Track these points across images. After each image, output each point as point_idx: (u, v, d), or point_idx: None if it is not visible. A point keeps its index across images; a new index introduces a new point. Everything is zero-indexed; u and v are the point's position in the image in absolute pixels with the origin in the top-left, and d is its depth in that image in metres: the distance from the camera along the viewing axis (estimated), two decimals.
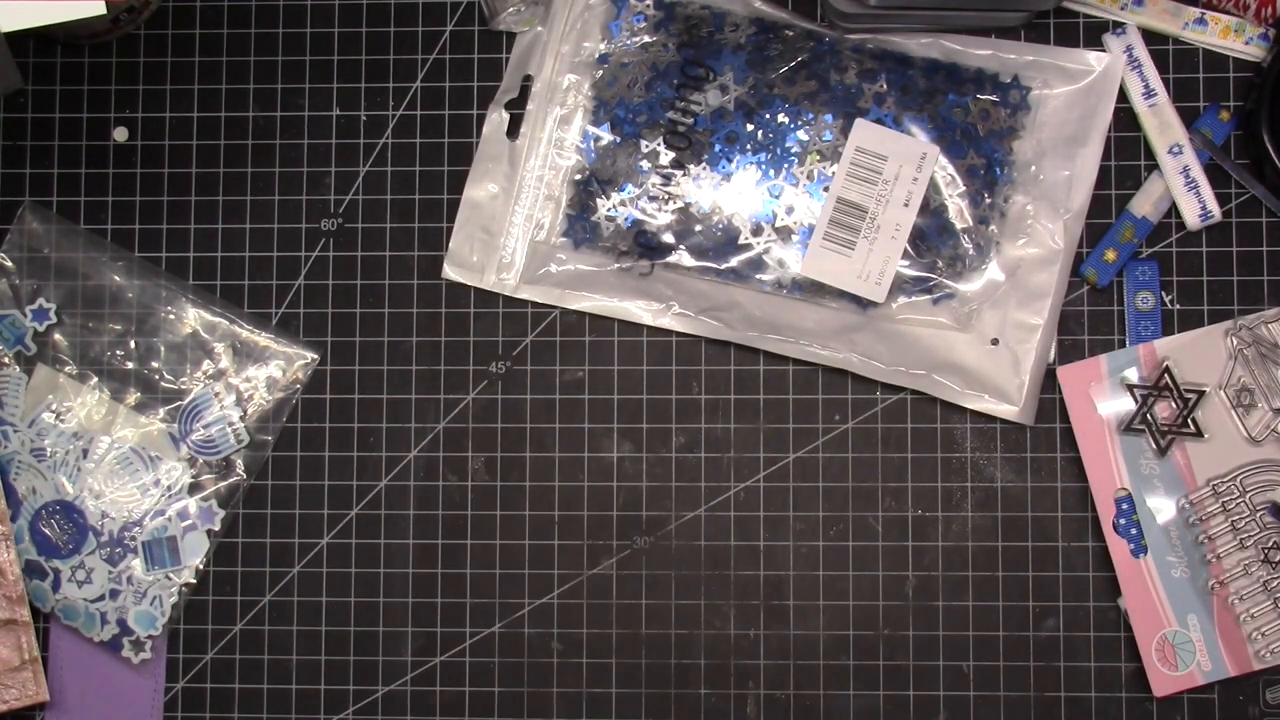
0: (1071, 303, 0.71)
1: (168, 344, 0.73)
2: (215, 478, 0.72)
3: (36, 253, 0.73)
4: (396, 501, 0.72)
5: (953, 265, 0.70)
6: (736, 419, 0.71)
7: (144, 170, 0.73)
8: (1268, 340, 0.70)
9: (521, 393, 0.72)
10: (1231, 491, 0.69)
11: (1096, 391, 0.70)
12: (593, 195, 0.72)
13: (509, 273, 0.72)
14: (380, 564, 0.72)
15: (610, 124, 0.72)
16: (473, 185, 0.73)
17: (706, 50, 0.71)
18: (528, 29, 0.73)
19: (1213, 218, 0.71)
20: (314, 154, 0.73)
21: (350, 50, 0.73)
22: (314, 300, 0.73)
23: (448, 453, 0.72)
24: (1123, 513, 0.70)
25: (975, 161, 0.70)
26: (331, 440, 0.72)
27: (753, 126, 0.71)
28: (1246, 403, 0.69)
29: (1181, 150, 0.71)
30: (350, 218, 0.73)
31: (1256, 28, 0.71)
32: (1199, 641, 0.69)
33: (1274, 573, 0.69)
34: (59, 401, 0.72)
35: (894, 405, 0.71)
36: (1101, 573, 0.70)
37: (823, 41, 0.71)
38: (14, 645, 0.69)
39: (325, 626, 0.72)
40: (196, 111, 0.74)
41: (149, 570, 0.72)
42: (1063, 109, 0.71)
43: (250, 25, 0.74)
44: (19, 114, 0.74)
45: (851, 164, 0.70)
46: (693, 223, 0.71)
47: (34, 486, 0.72)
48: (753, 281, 0.71)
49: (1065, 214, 0.70)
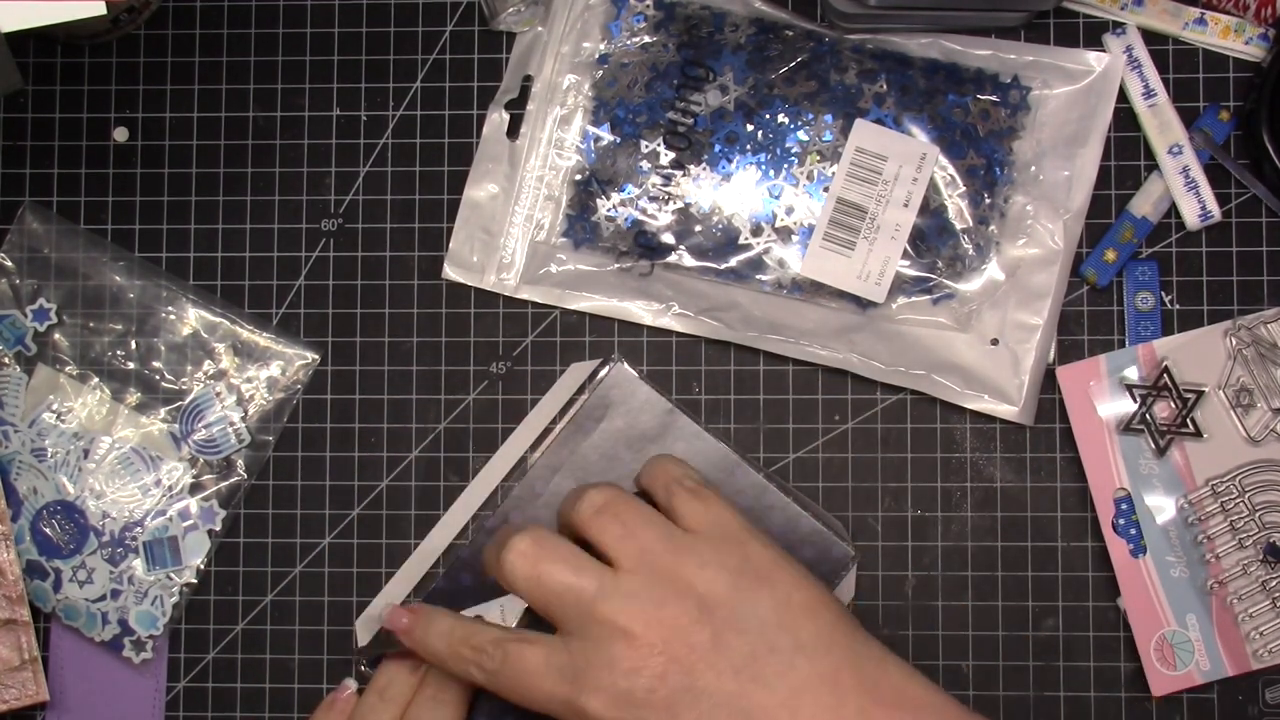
0: (1071, 303, 0.71)
1: (168, 344, 0.73)
2: (216, 478, 0.72)
3: (36, 253, 0.73)
4: (398, 502, 0.72)
5: (953, 265, 0.70)
6: (736, 419, 0.72)
7: (144, 170, 0.73)
8: (1267, 340, 0.70)
9: (522, 393, 0.72)
10: (1230, 491, 0.69)
11: (1096, 391, 0.70)
12: (593, 195, 0.72)
13: (509, 273, 0.72)
14: (382, 564, 0.72)
15: (610, 124, 0.72)
16: (473, 185, 0.73)
17: (706, 50, 0.71)
18: (528, 29, 0.73)
19: (1212, 218, 0.71)
20: (314, 154, 0.73)
21: (350, 50, 0.73)
22: (314, 300, 0.73)
23: (449, 453, 0.72)
24: (1122, 513, 0.70)
25: (975, 162, 0.70)
26: (332, 440, 0.72)
27: (753, 127, 0.71)
28: (1246, 403, 0.70)
29: (1181, 150, 0.71)
30: (350, 218, 0.73)
31: (1256, 28, 0.71)
32: (1198, 641, 0.69)
33: (1272, 573, 0.69)
34: (60, 402, 0.72)
35: (894, 405, 0.71)
36: (1100, 573, 0.70)
37: (823, 42, 0.71)
38: (14, 645, 0.69)
39: (327, 626, 0.72)
40: (196, 111, 0.74)
41: (150, 570, 0.72)
42: (1063, 109, 0.71)
43: (250, 25, 0.74)
44: (19, 114, 0.74)
45: (851, 164, 0.70)
46: (693, 223, 0.71)
47: (35, 487, 0.72)
48: (753, 282, 0.71)
49: (1065, 214, 0.70)
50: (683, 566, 0.60)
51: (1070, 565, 0.71)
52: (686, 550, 0.60)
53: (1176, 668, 0.69)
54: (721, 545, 0.61)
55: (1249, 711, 0.70)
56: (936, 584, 0.71)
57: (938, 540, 0.71)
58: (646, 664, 0.58)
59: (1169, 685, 0.69)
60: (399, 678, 0.67)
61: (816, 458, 0.71)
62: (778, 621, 0.59)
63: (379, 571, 0.72)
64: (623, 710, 0.58)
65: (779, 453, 0.71)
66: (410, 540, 0.72)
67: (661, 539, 0.60)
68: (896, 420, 0.71)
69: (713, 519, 0.61)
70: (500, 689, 0.61)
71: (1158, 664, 0.69)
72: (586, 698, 0.58)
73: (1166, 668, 0.69)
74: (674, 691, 0.58)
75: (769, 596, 0.60)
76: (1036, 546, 0.71)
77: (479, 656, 0.61)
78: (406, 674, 0.67)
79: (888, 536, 0.71)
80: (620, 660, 0.58)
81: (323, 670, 0.72)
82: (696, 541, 0.61)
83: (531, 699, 0.60)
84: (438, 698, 0.65)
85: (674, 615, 0.59)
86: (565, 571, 0.60)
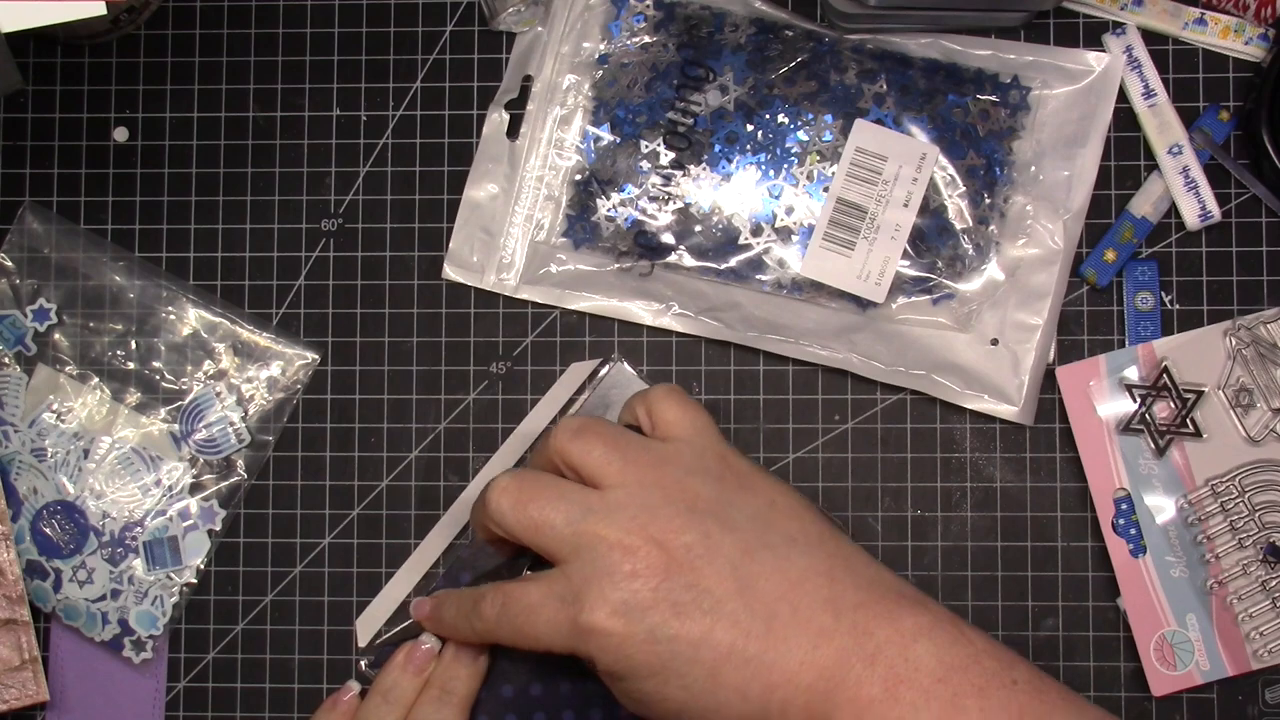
0: (1071, 303, 0.71)
1: (168, 344, 0.73)
2: (216, 478, 0.72)
3: (36, 253, 0.73)
4: (398, 502, 0.72)
5: (952, 265, 0.70)
6: (736, 419, 0.72)
7: (144, 170, 0.73)
8: (1266, 340, 0.70)
9: (522, 393, 0.72)
10: (1230, 491, 0.69)
11: (1096, 392, 0.70)
12: (593, 195, 0.72)
13: (509, 273, 0.72)
14: (382, 564, 0.72)
15: (610, 124, 0.72)
16: (473, 185, 0.73)
17: (706, 50, 0.71)
18: (528, 29, 0.73)
19: (1212, 218, 0.71)
20: (314, 154, 0.73)
21: (350, 50, 0.73)
22: (314, 300, 0.73)
23: (449, 453, 0.72)
24: (1121, 513, 0.70)
25: (975, 162, 0.70)
26: (332, 440, 0.72)
27: (753, 127, 0.71)
28: (1245, 403, 0.70)
29: (1181, 150, 0.71)
30: (350, 218, 0.73)
31: (1256, 28, 0.71)
32: (1197, 641, 0.69)
33: (1272, 573, 0.69)
34: (60, 402, 0.72)
35: (894, 405, 0.71)
36: (1100, 573, 0.71)
37: (823, 42, 0.71)
38: (14, 645, 0.69)
39: (328, 626, 0.72)
40: (196, 111, 0.74)
41: (150, 570, 0.72)
42: (1062, 109, 0.71)
43: (250, 25, 0.74)
44: (19, 114, 0.74)
45: (851, 164, 0.70)
46: (693, 223, 0.71)
47: (35, 487, 0.72)
48: (753, 282, 0.71)
49: (1065, 214, 0.70)
50: (667, 475, 0.60)
51: (1070, 565, 0.71)
52: (669, 459, 0.61)
53: (1176, 668, 0.69)
54: (704, 452, 0.61)
55: (1249, 711, 0.70)
56: (936, 584, 0.71)
57: (938, 540, 0.71)
58: (645, 568, 0.58)
59: (1169, 685, 0.69)
60: (403, 680, 0.67)
61: (816, 458, 0.71)
62: (766, 520, 0.60)
63: (379, 571, 0.72)
64: (628, 617, 0.58)
65: (779, 453, 0.71)
66: (410, 540, 0.72)
67: (643, 450, 0.61)
68: (896, 420, 0.71)
69: (691, 423, 0.62)
70: (506, 635, 0.61)
71: (1157, 664, 0.69)
72: (589, 614, 0.58)
73: (1166, 668, 0.69)
74: (675, 591, 0.58)
75: (754, 498, 0.61)
76: (1036, 546, 0.71)
77: (480, 605, 0.62)
78: (410, 676, 0.67)
79: (888, 536, 0.71)
80: (618, 570, 0.58)
81: (323, 670, 0.72)
82: (678, 450, 0.61)
83: (536, 635, 0.60)
84: (441, 699, 0.66)
85: (665, 519, 0.59)
86: (552, 497, 0.60)
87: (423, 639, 0.67)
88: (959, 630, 0.58)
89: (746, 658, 0.57)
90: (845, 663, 0.57)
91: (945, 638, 0.58)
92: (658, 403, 0.63)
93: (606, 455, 0.61)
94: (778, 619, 0.58)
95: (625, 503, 0.59)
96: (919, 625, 0.58)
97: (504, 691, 0.67)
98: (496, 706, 0.67)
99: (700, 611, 0.58)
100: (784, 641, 0.58)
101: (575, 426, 0.62)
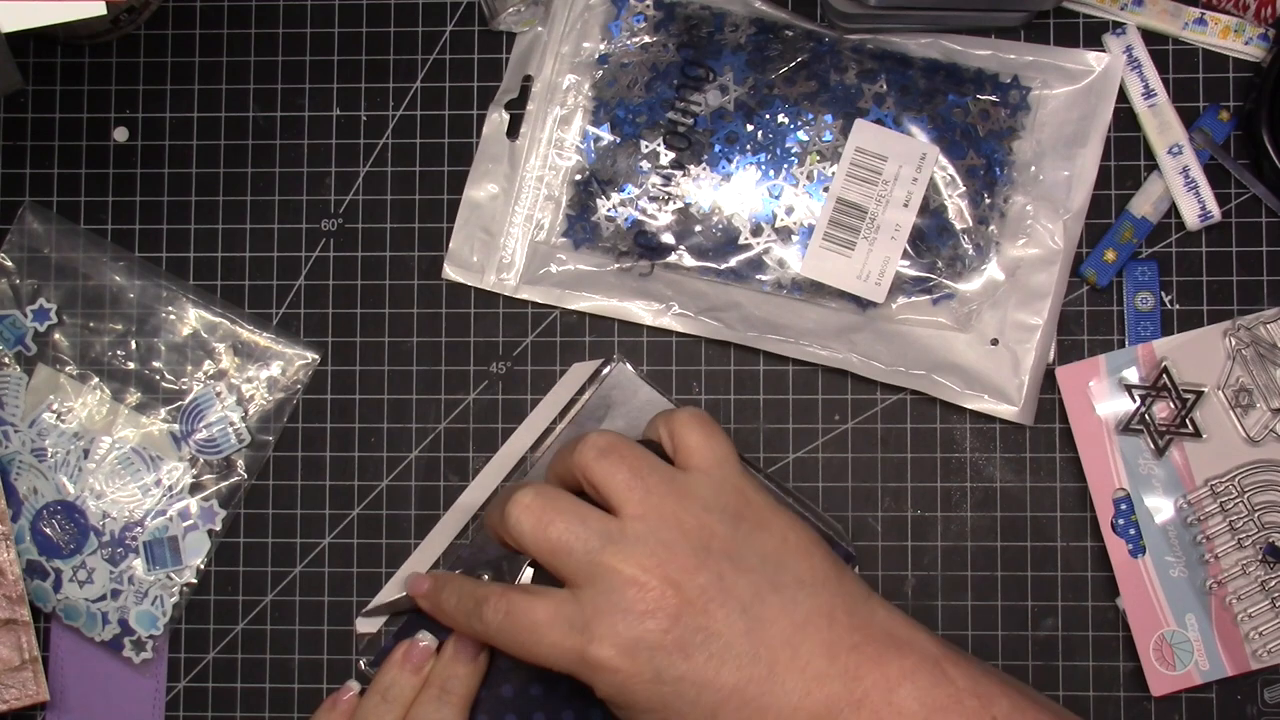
0: (1071, 303, 0.71)
1: (168, 344, 0.73)
2: (216, 478, 0.72)
3: (36, 253, 0.73)
4: (398, 502, 0.72)
5: (952, 265, 0.70)
6: (736, 419, 0.72)
7: (144, 170, 0.73)
8: (1266, 340, 0.70)
9: (522, 393, 0.72)
10: (1229, 491, 0.69)
11: (1095, 392, 0.70)
12: (593, 195, 0.72)
13: (509, 273, 0.72)
14: (382, 564, 0.72)
15: (610, 124, 0.72)
16: (473, 185, 0.73)
17: (706, 50, 0.71)
18: (528, 29, 0.73)
19: (1212, 218, 0.71)
20: (314, 154, 0.73)
21: (350, 50, 0.73)
22: (314, 300, 0.73)
23: (449, 453, 0.72)
24: (1121, 513, 0.70)
25: (975, 162, 0.70)
26: (333, 440, 0.72)
27: (753, 127, 0.71)
28: (1245, 403, 0.70)
29: (1181, 150, 0.71)
30: (350, 218, 0.73)
31: (1256, 28, 0.71)
32: (1197, 641, 0.69)
33: (1271, 573, 0.69)
34: (60, 402, 0.72)
35: (894, 405, 0.71)
36: (1100, 572, 0.71)
37: (823, 42, 0.71)
38: (14, 645, 0.70)
39: (328, 626, 0.72)
40: (196, 111, 0.74)
41: (150, 570, 0.72)
42: (1062, 109, 0.71)
43: (250, 25, 0.74)
44: (19, 114, 0.74)
45: (851, 164, 0.70)
46: (693, 223, 0.71)
47: (35, 487, 0.72)
48: (753, 282, 0.71)
49: (1065, 214, 0.70)
50: (687, 510, 0.60)
51: (1069, 565, 0.71)
52: (690, 494, 0.61)
53: (1175, 668, 0.69)
54: (722, 486, 0.61)
55: (1248, 711, 0.70)
56: (936, 584, 0.71)
57: (937, 540, 0.71)
58: (658, 608, 0.58)
59: (1168, 685, 0.69)
60: (401, 678, 0.67)
61: (816, 458, 0.72)
62: (778, 560, 0.60)
63: (379, 571, 0.72)
64: (635, 656, 0.58)
65: (779, 453, 0.72)
66: (410, 540, 0.72)
67: (665, 482, 0.61)
68: (896, 420, 0.71)
69: (712, 453, 0.62)
70: (507, 643, 0.61)
71: (1157, 664, 0.69)
72: (598, 646, 0.58)
73: (1166, 668, 0.69)
74: (686, 633, 0.58)
75: (768, 536, 0.61)
76: (1036, 546, 0.71)
77: (483, 608, 0.62)
78: (408, 674, 0.67)
79: (888, 536, 0.71)
80: (631, 606, 0.58)
81: (323, 670, 0.72)
82: (699, 484, 0.61)
83: (539, 653, 0.60)
84: (441, 698, 0.66)
85: (681, 558, 0.59)
86: (571, 522, 0.60)
87: (419, 636, 0.67)
88: (941, 671, 0.59)
89: (745, 700, 0.58)
90: (835, 707, 0.58)
91: (927, 680, 0.59)
92: (681, 427, 0.63)
93: (629, 482, 0.60)
94: (779, 663, 0.59)
95: (644, 536, 0.59)
96: (903, 669, 0.59)
97: (504, 691, 0.67)
98: (496, 706, 0.67)
99: (708, 655, 0.58)
100: (781, 685, 0.58)
101: (602, 445, 0.61)
